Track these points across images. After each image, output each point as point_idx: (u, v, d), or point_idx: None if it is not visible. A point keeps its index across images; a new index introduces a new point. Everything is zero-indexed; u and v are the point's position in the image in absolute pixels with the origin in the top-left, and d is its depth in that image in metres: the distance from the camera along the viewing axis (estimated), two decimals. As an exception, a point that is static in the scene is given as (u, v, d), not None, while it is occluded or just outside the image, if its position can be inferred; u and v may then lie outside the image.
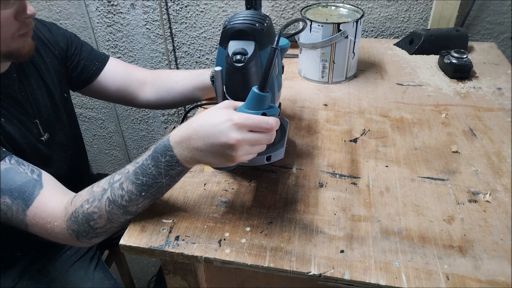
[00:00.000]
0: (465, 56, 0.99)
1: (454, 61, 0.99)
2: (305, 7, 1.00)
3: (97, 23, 1.45)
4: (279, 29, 0.55)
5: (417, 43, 1.11)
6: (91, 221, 0.59)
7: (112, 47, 1.50)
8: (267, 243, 0.58)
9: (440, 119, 0.85)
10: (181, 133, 0.56)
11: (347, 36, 0.93)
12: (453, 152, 0.75)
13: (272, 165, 0.74)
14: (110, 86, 0.91)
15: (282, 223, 0.62)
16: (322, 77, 1.00)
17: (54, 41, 0.84)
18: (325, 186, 0.69)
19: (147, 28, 1.42)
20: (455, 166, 0.72)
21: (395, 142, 0.78)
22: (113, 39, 1.48)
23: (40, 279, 0.88)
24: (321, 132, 0.82)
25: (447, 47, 1.05)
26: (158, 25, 1.40)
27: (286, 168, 0.73)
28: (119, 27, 1.44)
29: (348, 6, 1.00)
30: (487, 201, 0.64)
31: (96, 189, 0.60)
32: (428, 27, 1.19)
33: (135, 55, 1.50)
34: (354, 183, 0.69)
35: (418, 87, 0.97)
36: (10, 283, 0.85)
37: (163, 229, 0.61)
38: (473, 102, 0.90)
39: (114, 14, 1.41)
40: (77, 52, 0.88)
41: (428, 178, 0.69)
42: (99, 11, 1.42)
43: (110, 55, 0.94)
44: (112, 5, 1.39)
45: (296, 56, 1.08)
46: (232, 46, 0.62)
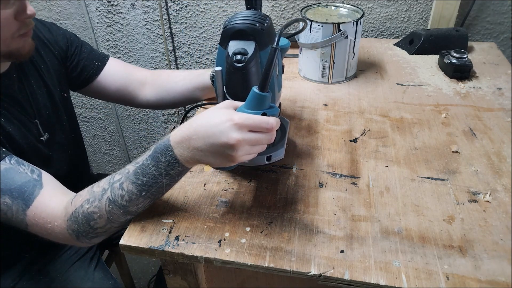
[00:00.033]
0: (465, 56, 0.99)
1: (454, 61, 0.99)
2: (305, 7, 1.00)
3: (97, 23, 1.45)
4: (279, 29, 0.55)
5: (417, 43, 1.11)
6: (91, 221, 0.59)
7: (112, 47, 1.50)
8: (267, 243, 0.58)
9: (440, 119, 0.85)
10: (181, 133, 0.56)
11: (347, 36, 0.93)
12: (453, 152, 0.75)
13: (272, 165, 0.74)
14: (110, 86, 0.91)
15: (282, 223, 0.62)
16: (322, 77, 1.00)
17: (54, 41, 0.84)
18: (325, 186, 0.69)
19: (147, 28, 1.42)
20: (455, 166, 0.72)
21: (395, 142, 0.78)
22: (113, 39, 1.48)
23: (40, 279, 0.88)
24: (321, 132, 0.82)
25: (447, 47, 1.05)
26: (158, 25, 1.40)
27: (286, 168, 0.73)
28: (119, 27, 1.44)
29: (348, 6, 1.00)
30: (487, 201, 0.64)
31: (96, 189, 0.60)
32: (428, 27, 1.19)
33: (135, 55, 1.50)
34: (354, 183, 0.69)
35: (418, 87, 0.97)
36: (10, 283, 0.85)
37: (163, 229, 0.61)
38: (473, 102, 0.90)
39: (114, 14, 1.41)
40: (77, 52, 0.88)
41: (428, 178, 0.69)
42: (99, 11, 1.42)
43: (110, 55, 0.94)
44: (112, 5, 1.39)
45: (296, 56, 1.08)
46: (232, 46, 0.62)
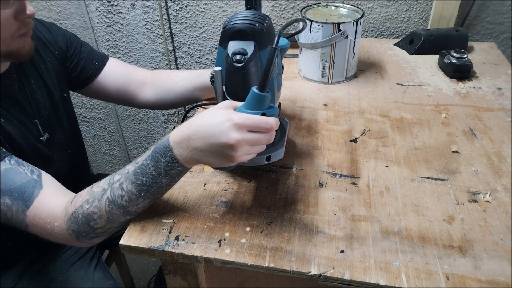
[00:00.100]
0: (465, 56, 0.99)
1: (454, 61, 0.99)
2: (305, 7, 1.00)
3: (97, 23, 1.45)
4: (279, 29, 0.55)
5: (417, 43, 1.11)
6: (91, 221, 0.59)
7: (112, 47, 1.50)
8: (267, 243, 0.58)
9: (440, 119, 0.85)
10: (181, 133, 0.56)
11: (347, 36, 0.93)
12: (453, 152, 0.75)
13: (272, 165, 0.74)
14: (109, 86, 0.91)
15: (282, 223, 0.62)
16: (322, 77, 1.00)
17: (53, 41, 0.84)
18: (325, 186, 0.69)
19: (147, 28, 1.42)
20: (455, 166, 0.72)
21: (395, 142, 0.78)
22: (113, 39, 1.48)
23: (40, 279, 0.88)
24: (321, 132, 0.82)
25: (447, 47, 1.05)
26: (158, 25, 1.40)
27: (286, 168, 0.73)
28: (119, 27, 1.44)
29: (348, 6, 1.00)
30: (487, 201, 0.64)
31: (96, 189, 0.60)
32: (428, 27, 1.19)
33: (135, 55, 1.50)
34: (354, 183, 0.69)
35: (418, 87, 0.97)
36: (10, 283, 0.85)
37: (163, 229, 0.61)
38: (473, 102, 0.90)
39: (114, 14, 1.41)
40: (76, 52, 0.88)
41: (428, 178, 0.69)
42: (99, 11, 1.42)
43: (110, 55, 0.94)
44: (112, 5, 1.39)
45: (296, 56, 1.08)
46: (232, 46, 0.62)
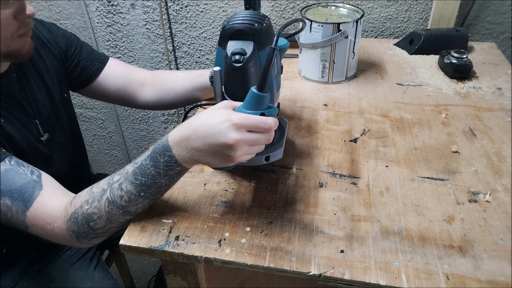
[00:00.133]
0: (465, 56, 0.99)
1: (454, 61, 0.99)
2: (305, 7, 1.00)
3: (97, 23, 1.45)
4: (278, 29, 0.55)
5: (417, 43, 1.11)
6: (91, 222, 0.59)
7: (112, 47, 1.50)
8: (267, 243, 0.58)
9: (440, 119, 0.85)
10: (180, 133, 0.56)
11: (347, 36, 0.93)
12: (453, 152, 0.75)
13: (272, 165, 0.74)
14: (109, 86, 0.91)
15: (282, 223, 0.62)
16: (322, 77, 1.00)
17: (53, 42, 0.84)
18: (325, 186, 0.69)
19: (147, 28, 1.42)
20: (455, 166, 0.72)
21: (395, 142, 0.78)
22: (113, 39, 1.48)
23: (40, 279, 0.88)
24: (321, 132, 0.82)
25: (447, 47, 1.05)
26: (158, 25, 1.40)
27: (286, 168, 0.73)
28: (119, 27, 1.44)
29: (348, 6, 1.00)
30: (487, 201, 0.64)
31: (96, 189, 0.60)
32: (428, 27, 1.19)
33: (135, 55, 1.50)
34: (354, 183, 0.69)
35: (418, 87, 0.97)
36: (10, 283, 0.85)
37: (163, 229, 0.61)
38: (473, 102, 0.90)
39: (114, 14, 1.41)
40: (76, 52, 0.88)
41: (428, 178, 0.69)
42: (99, 11, 1.42)
43: (110, 55, 0.94)
44: (112, 5, 1.39)
45: (296, 56, 1.08)
46: (231, 46, 0.62)
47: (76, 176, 0.92)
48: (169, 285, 0.69)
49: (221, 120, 0.53)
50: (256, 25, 0.61)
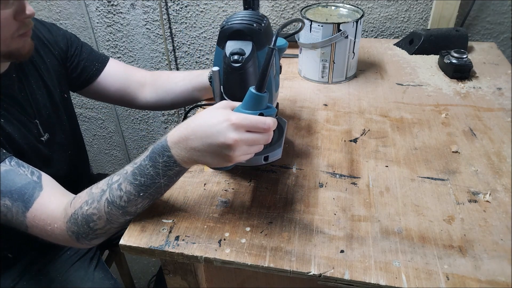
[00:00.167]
0: (465, 56, 0.99)
1: (454, 61, 0.99)
2: (305, 7, 1.00)
3: (97, 23, 1.45)
4: (277, 29, 0.55)
5: (417, 43, 1.11)
6: (91, 223, 0.59)
7: (112, 47, 1.50)
8: (267, 243, 0.58)
9: (440, 119, 0.85)
10: (178, 134, 0.56)
11: (347, 36, 0.93)
12: (453, 152, 0.75)
13: (272, 165, 0.74)
14: (110, 87, 0.91)
15: (282, 223, 0.62)
16: (322, 77, 1.00)
17: (54, 42, 0.84)
18: (325, 186, 0.69)
19: (147, 28, 1.42)
20: (455, 166, 0.72)
21: (395, 142, 0.78)
22: (113, 39, 1.48)
23: (40, 279, 0.88)
24: (321, 132, 0.82)
25: (447, 47, 1.05)
26: (158, 25, 1.40)
27: (286, 168, 0.73)
28: (119, 27, 1.44)
29: (348, 6, 1.00)
30: (487, 201, 0.64)
31: (95, 190, 0.60)
32: (428, 27, 1.19)
33: (135, 55, 1.50)
34: (354, 183, 0.69)
35: (418, 87, 0.97)
36: (10, 283, 0.85)
37: (163, 229, 0.61)
38: (473, 102, 0.90)
39: (114, 14, 1.41)
40: (77, 53, 0.88)
41: (428, 178, 0.69)
42: (99, 11, 1.42)
43: (110, 55, 0.94)
44: (112, 5, 1.39)
45: (296, 56, 1.08)
46: (230, 46, 0.62)
47: (76, 176, 0.92)
48: (169, 285, 0.69)
49: (220, 120, 0.53)
50: (254, 25, 0.61)
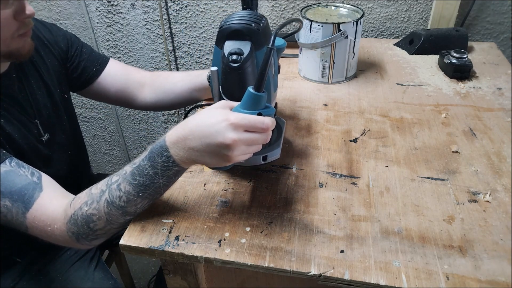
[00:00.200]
0: (465, 56, 0.99)
1: (454, 61, 0.99)
2: (305, 7, 1.00)
3: (97, 23, 1.45)
4: (275, 29, 0.55)
5: (417, 43, 1.11)
6: (91, 223, 0.59)
7: (112, 47, 1.50)
8: (267, 243, 0.58)
9: (440, 119, 0.85)
10: (177, 134, 0.56)
11: (347, 36, 0.93)
12: (453, 152, 0.75)
13: (272, 165, 0.74)
14: (110, 87, 0.91)
15: (282, 223, 0.62)
16: (322, 77, 1.00)
17: (54, 42, 0.84)
18: (325, 186, 0.69)
19: (147, 28, 1.42)
20: (455, 166, 0.72)
21: (395, 142, 0.78)
22: (113, 39, 1.48)
23: (40, 279, 0.88)
24: (321, 132, 0.82)
25: (447, 47, 1.05)
26: (158, 25, 1.40)
27: (286, 168, 0.73)
28: (119, 27, 1.44)
29: (348, 6, 1.00)
30: (487, 201, 0.64)
31: (95, 191, 0.60)
32: (428, 27, 1.19)
33: (135, 55, 1.50)
34: (354, 183, 0.69)
35: (418, 87, 0.97)
36: (10, 283, 0.85)
37: (163, 229, 0.61)
38: (473, 102, 0.90)
39: (114, 14, 1.41)
40: (77, 53, 0.88)
41: (428, 178, 0.69)
42: (99, 11, 1.42)
43: (110, 55, 0.94)
44: (112, 5, 1.39)
45: (296, 56, 1.08)
46: (228, 46, 0.62)
47: (76, 176, 0.92)
48: (169, 285, 0.69)
49: (219, 120, 0.53)
50: (253, 25, 0.61)
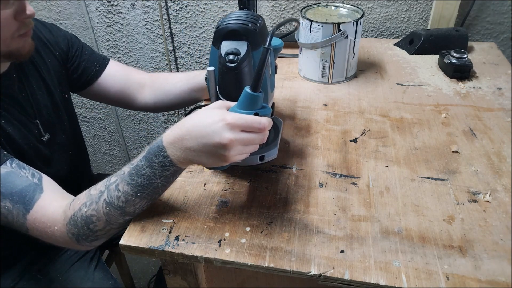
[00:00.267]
0: (465, 56, 0.99)
1: (454, 61, 0.99)
2: (305, 7, 1.00)
3: (97, 23, 1.45)
4: (271, 29, 0.55)
5: (417, 43, 1.11)
6: (90, 224, 0.59)
7: (112, 47, 1.50)
8: (267, 243, 0.58)
9: (440, 119, 0.85)
10: (174, 134, 0.56)
11: (347, 36, 0.93)
12: (453, 152, 0.75)
13: (272, 165, 0.74)
14: (110, 88, 0.91)
15: (282, 223, 0.62)
16: (322, 77, 1.00)
17: (54, 42, 0.84)
18: (325, 186, 0.69)
19: (147, 28, 1.42)
20: (455, 166, 0.72)
21: (395, 142, 0.78)
22: (113, 39, 1.48)
23: (40, 279, 0.88)
24: (321, 132, 0.82)
25: (447, 47, 1.05)
26: (158, 25, 1.40)
27: (286, 168, 0.73)
28: (119, 27, 1.44)
29: (348, 6, 1.00)
30: (487, 201, 0.64)
31: (93, 191, 0.60)
32: (428, 27, 1.19)
33: (135, 55, 1.50)
34: (354, 183, 0.69)
35: (418, 87, 0.97)
36: (10, 283, 0.85)
37: (163, 229, 0.61)
38: (473, 102, 0.90)
39: (114, 14, 1.41)
40: (78, 54, 0.88)
41: (428, 178, 0.69)
42: (99, 11, 1.42)
43: (110, 55, 0.94)
44: (112, 5, 1.39)
45: (296, 56, 1.08)
46: (225, 46, 0.62)
47: (77, 177, 0.92)
48: (169, 285, 0.69)
49: (215, 120, 0.53)
50: (250, 25, 0.61)
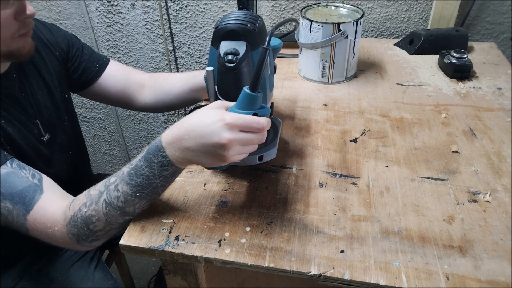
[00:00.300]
0: (465, 56, 0.99)
1: (454, 61, 0.99)
2: (305, 7, 1.00)
3: (97, 23, 1.45)
4: (270, 29, 0.55)
5: (417, 43, 1.11)
6: (90, 224, 0.59)
7: (112, 47, 1.50)
8: (267, 243, 0.58)
9: (440, 119, 0.85)
10: (172, 134, 0.56)
11: (347, 36, 0.93)
12: (453, 152, 0.75)
13: (272, 165, 0.74)
14: (110, 88, 0.91)
15: (282, 223, 0.62)
16: (322, 77, 1.00)
17: (55, 42, 0.84)
18: (325, 186, 0.69)
19: (147, 28, 1.42)
20: (455, 166, 0.72)
21: (395, 142, 0.78)
22: (113, 39, 1.48)
23: (40, 279, 0.88)
24: (321, 132, 0.82)
25: (447, 47, 1.05)
26: (158, 25, 1.40)
27: (286, 168, 0.73)
28: (119, 27, 1.44)
29: (348, 6, 1.00)
30: (487, 201, 0.64)
31: (93, 192, 0.60)
32: (428, 27, 1.19)
33: (135, 55, 1.50)
34: (354, 183, 0.69)
35: (418, 87, 0.97)
36: (10, 283, 0.85)
37: (163, 229, 0.61)
38: (473, 102, 0.90)
39: (114, 14, 1.41)
40: (78, 54, 0.88)
41: (428, 178, 0.69)
42: (99, 11, 1.42)
43: (110, 55, 0.94)
44: (112, 5, 1.39)
45: (296, 56, 1.08)
46: (224, 46, 0.62)
47: (77, 177, 0.92)
48: (169, 285, 0.69)
49: (214, 120, 0.53)
50: (249, 25, 0.61)
